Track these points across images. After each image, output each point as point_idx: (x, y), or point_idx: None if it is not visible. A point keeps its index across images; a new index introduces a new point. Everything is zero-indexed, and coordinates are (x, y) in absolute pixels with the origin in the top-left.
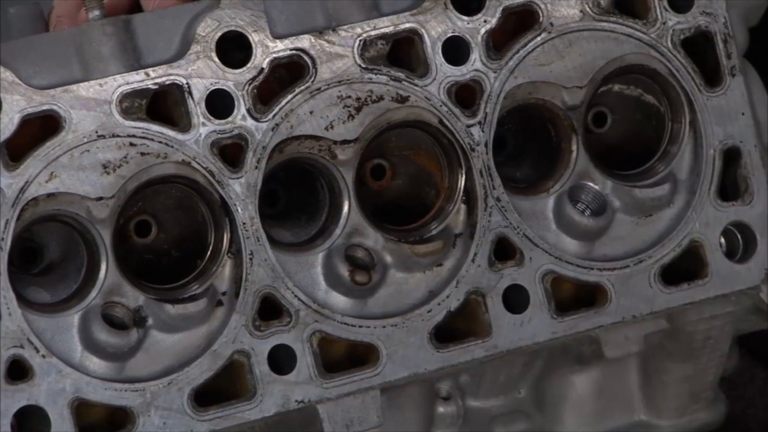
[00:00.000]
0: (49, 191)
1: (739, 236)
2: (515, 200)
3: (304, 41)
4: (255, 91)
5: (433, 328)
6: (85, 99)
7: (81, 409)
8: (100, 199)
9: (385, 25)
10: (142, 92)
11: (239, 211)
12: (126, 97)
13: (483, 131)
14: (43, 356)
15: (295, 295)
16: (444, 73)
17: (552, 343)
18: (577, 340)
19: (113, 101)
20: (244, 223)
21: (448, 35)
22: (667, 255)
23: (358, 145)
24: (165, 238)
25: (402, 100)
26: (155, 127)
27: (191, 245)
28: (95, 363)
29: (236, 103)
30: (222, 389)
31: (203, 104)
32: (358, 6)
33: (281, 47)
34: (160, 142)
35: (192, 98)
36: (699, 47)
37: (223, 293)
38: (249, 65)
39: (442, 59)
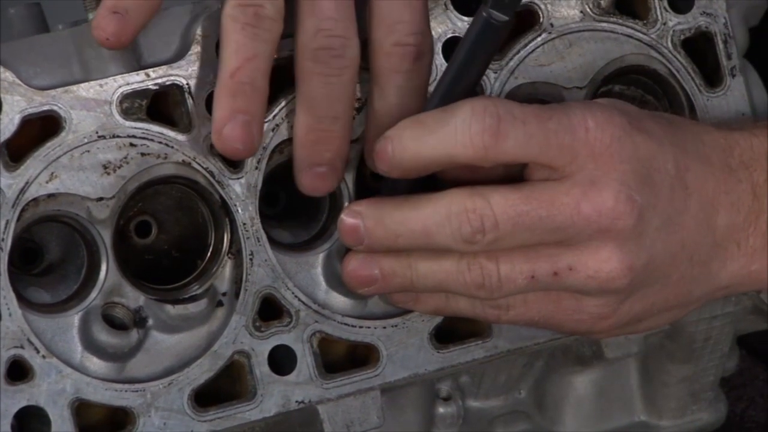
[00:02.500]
0: (50, 192)
1: None
2: None
3: None
4: None
5: (433, 329)
6: (86, 99)
7: (81, 409)
8: (100, 199)
9: None
10: (142, 93)
11: (239, 211)
12: (126, 97)
13: None
14: (44, 357)
15: (296, 296)
16: None
17: (552, 343)
18: (577, 341)
19: (113, 102)
20: (244, 224)
21: (449, 36)
22: None
23: (358, 145)
24: (165, 239)
25: None
26: (155, 128)
27: (191, 246)
28: (95, 363)
29: None
30: (222, 390)
31: (203, 104)
32: None
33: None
34: (161, 143)
35: (192, 98)
36: (699, 48)
37: (224, 294)
38: None
39: (443, 60)
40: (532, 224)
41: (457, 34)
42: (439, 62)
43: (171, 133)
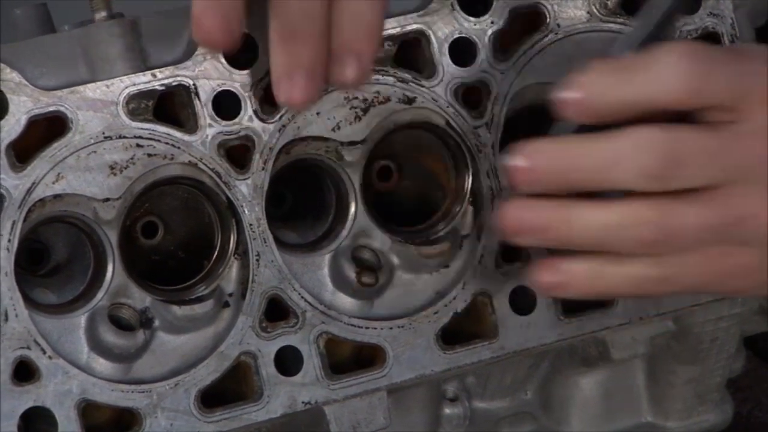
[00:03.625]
0: (56, 192)
1: None
2: None
3: None
4: (262, 92)
5: (439, 330)
6: (92, 100)
7: (88, 410)
8: (106, 200)
9: (392, 27)
10: (148, 93)
11: (246, 212)
12: (133, 98)
13: (490, 132)
14: (50, 357)
15: (302, 297)
16: (451, 74)
17: (558, 344)
18: (583, 342)
19: (120, 102)
20: (250, 225)
21: (455, 36)
22: None
23: (365, 146)
24: (171, 240)
25: (409, 101)
26: (162, 129)
27: (198, 246)
28: (102, 364)
29: (243, 104)
30: (229, 391)
31: (210, 105)
32: None
33: None
34: (167, 144)
35: (199, 99)
36: None
37: (230, 294)
38: (256, 66)
39: (449, 60)
40: (722, 163)
41: (464, 35)
42: (446, 63)
43: (177, 134)
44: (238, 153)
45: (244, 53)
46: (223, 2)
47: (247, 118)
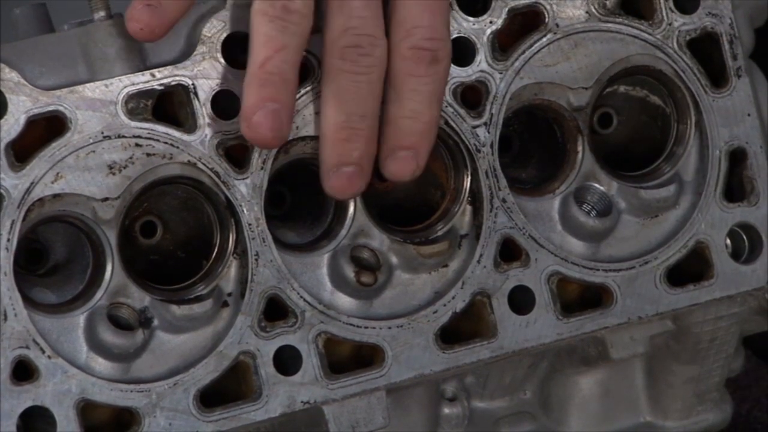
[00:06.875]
0: (55, 192)
1: (744, 237)
2: (521, 201)
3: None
4: None
5: (438, 329)
6: (91, 100)
7: (87, 409)
8: (105, 199)
9: None
10: (147, 93)
11: (245, 212)
12: (132, 97)
13: (489, 132)
14: (49, 357)
15: (301, 296)
16: (450, 74)
17: (558, 344)
18: (582, 341)
19: (119, 102)
20: (249, 224)
21: (454, 36)
22: (672, 256)
23: None
24: (170, 239)
25: None
26: (161, 128)
27: (197, 246)
28: (101, 364)
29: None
30: (227, 390)
31: (209, 105)
32: None
33: None
34: (166, 143)
35: (198, 99)
36: (705, 48)
37: (229, 294)
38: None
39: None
40: None
41: (463, 35)
42: None
43: (176, 134)
44: (237, 152)
45: (244, 53)
46: (275, 102)
47: None
